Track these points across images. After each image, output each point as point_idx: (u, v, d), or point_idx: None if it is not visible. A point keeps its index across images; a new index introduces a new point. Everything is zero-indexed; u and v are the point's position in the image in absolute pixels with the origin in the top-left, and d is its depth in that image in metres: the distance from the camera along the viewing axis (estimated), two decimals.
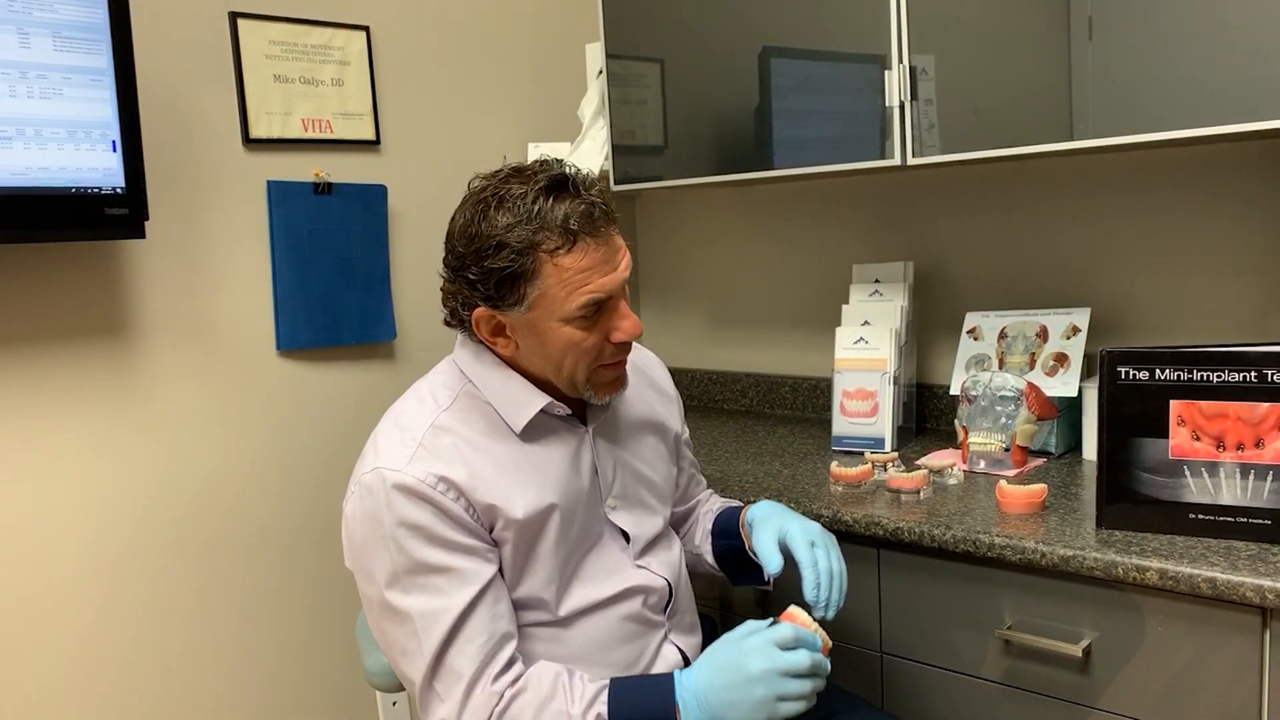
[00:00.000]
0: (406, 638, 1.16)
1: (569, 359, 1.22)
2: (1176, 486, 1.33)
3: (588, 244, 1.18)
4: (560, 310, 1.18)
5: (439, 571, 1.15)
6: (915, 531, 1.43)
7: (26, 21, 1.45)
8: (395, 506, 1.15)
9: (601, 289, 1.19)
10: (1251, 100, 1.35)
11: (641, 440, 1.40)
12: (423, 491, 1.15)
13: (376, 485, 1.16)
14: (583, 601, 1.26)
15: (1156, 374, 1.34)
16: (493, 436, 1.23)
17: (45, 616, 1.65)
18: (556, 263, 1.17)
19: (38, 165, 1.48)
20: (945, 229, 2.03)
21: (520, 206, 1.16)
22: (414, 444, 1.19)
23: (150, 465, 1.76)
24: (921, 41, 1.63)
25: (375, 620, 1.21)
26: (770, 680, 1.11)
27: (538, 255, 1.16)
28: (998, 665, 1.42)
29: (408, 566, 1.15)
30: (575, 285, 1.18)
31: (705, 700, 1.12)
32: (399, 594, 1.16)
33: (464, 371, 1.28)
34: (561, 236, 1.16)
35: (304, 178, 1.91)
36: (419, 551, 1.15)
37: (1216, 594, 1.19)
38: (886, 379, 1.87)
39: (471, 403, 1.25)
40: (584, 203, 1.18)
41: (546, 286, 1.17)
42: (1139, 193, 1.79)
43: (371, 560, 1.17)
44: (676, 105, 1.99)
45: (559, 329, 1.20)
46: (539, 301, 1.18)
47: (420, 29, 2.10)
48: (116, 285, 1.71)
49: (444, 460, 1.18)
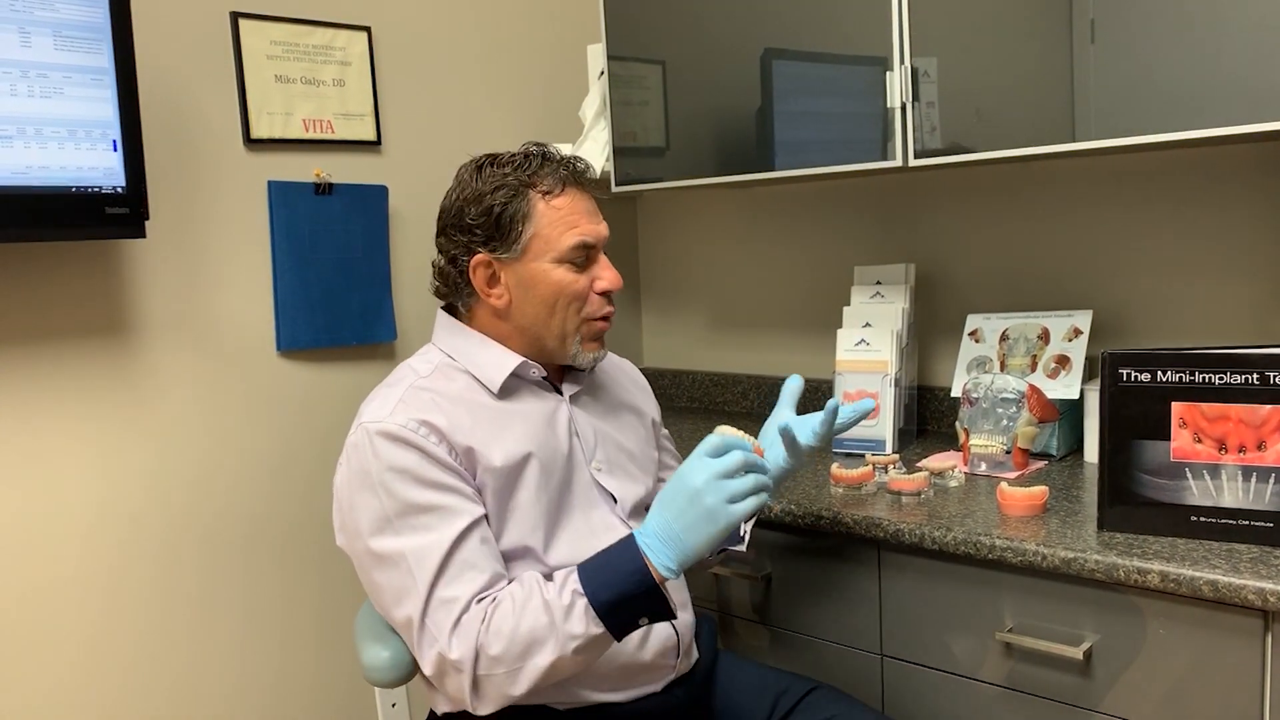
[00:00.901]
0: (401, 578, 1.19)
1: (560, 303, 1.30)
2: (1178, 489, 1.32)
3: (575, 194, 1.31)
4: (554, 249, 1.28)
5: (427, 510, 1.19)
6: (916, 533, 1.43)
7: (28, 21, 1.45)
8: (381, 453, 1.20)
9: (590, 233, 1.30)
10: (1254, 102, 1.34)
11: (620, 417, 1.45)
12: (405, 436, 1.20)
13: (361, 439, 1.22)
14: (572, 558, 1.27)
15: (1158, 376, 1.34)
16: (470, 395, 1.30)
17: (45, 616, 1.64)
18: (550, 203, 1.29)
19: (38, 164, 1.48)
20: (947, 231, 2.02)
21: (512, 162, 1.31)
22: (395, 400, 1.25)
23: (150, 464, 1.75)
24: (923, 43, 1.63)
25: (370, 574, 1.23)
26: (712, 486, 1.14)
27: (531, 196, 1.28)
28: (998, 668, 1.42)
29: (397, 509, 1.19)
30: (568, 225, 1.29)
31: (665, 535, 1.16)
32: (390, 538, 1.19)
33: (441, 349, 1.35)
34: (553, 181, 1.29)
35: (305, 178, 1.91)
36: (407, 492, 1.19)
37: (1218, 597, 1.19)
38: (888, 381, 1.86)
39: (450, 371, 1.32)
40: (569, 161, 1.33)
41: (540, 226, 1.28)
42: (1141, 195, 1.79)
43: (360, 512, 1.21)
44: (678, 107, 1.99)
45: (551, 271, 1.29)
46: (533, 242, 1.28)
47: (422, 30, 2.10)
48: (117, 285, 1.71)
49: (424, 410, 1.24)
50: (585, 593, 1.15)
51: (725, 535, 1.16)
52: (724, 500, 1.14)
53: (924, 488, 1.56)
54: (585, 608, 1.14)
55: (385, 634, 1.34)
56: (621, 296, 1.41)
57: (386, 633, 1.34)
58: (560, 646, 1.14)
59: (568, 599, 1.15)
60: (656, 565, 1.15)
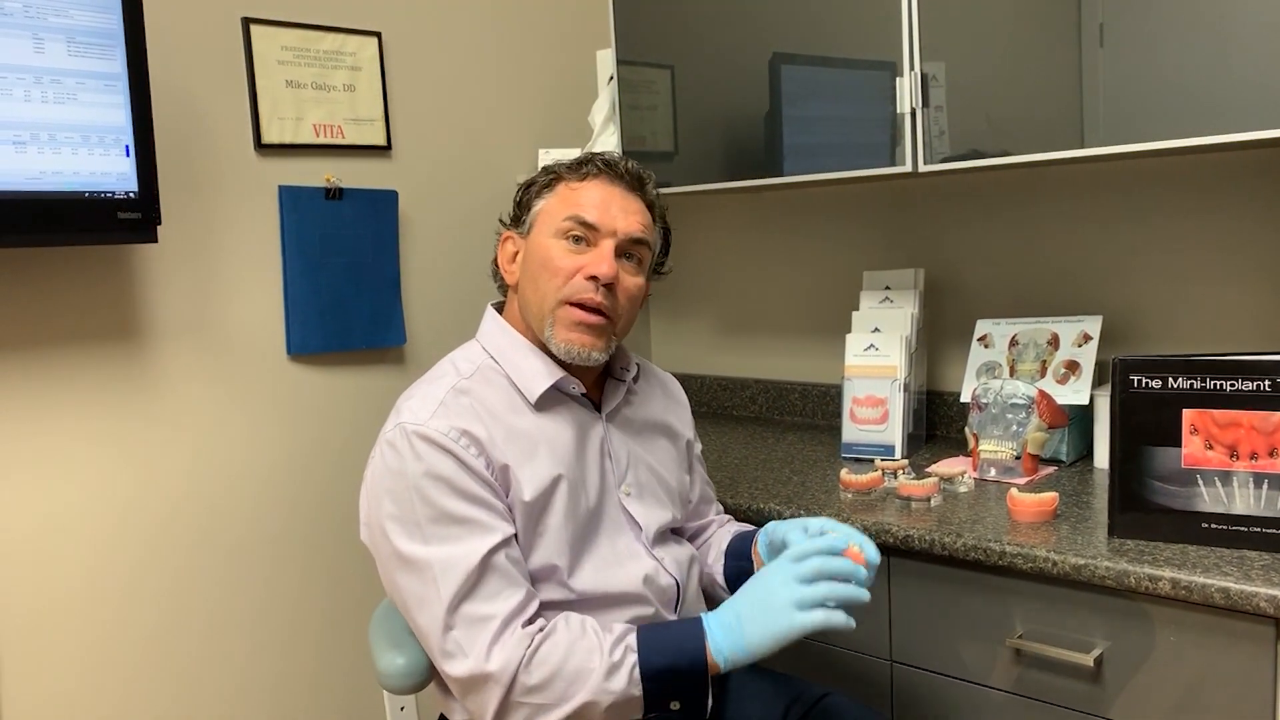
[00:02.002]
0: (424, 586, 1.18)
1: (543, 276, 1.29)
2: (1189, 496, 1.32)
3: (603, 182, 1.33)
4: (551, 224, 1.31)
5: (460, 521, 1.18)
6: (925, 539, 1.43)
7: (41, 27, 1.46)
8: (421, 456, 1.19)
9: (590, 213, 1.29)
10: (1264, 108, 1.34)
11: (655, 440, 1.44)
12: (446, 444, 1.19)
13: (400, 439, 1.21)
14: (595, 585, 1.27)
15: (1169, 382, 1.33)
16: (508, 405, 1.29)
17: (59, 620, 1.65)
18: (569, 185, 1.33)
19: (51, 169, 1.49)
20: (956, 236, 2.02)
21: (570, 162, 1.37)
22: (436, 402, 1.24)
23: (161, 469, 1.76)
24: (933, 48, 1.63)
25: (393, 576, 1.22)
26: (785, 589, 1.13)
27: (557, 179, 1.34)
28: (1008, 674, 1.41)
29: (430, 515, 1.18)
30: (572, 203, 1.31)
31: (731, 627, 1.15)
32: (419, 544, 1.18)
33: (486, 348, 1.35)
34: (582, 170, 1.34)
35: (315, 183, 1.92)
36: (442, 500, 1.18)
37: (1230, 604, 1.18)
38: (897, 386, 1.86)
39: (491, 374, 1.31)
40: (617, 158, 1.36)
41: (549, 204, 1.33)
42: (1151, 200, 1.78)
43: (391, 513, 1.20)
44: (687, 111, 1.99)
45: (544, 240, 1.31)
46: (539, 218, 1.33)
47: (431, 35, 2.11)
48: (129, 289, 1.72)
49: (464, 416, 1.23)
50: (638, 653, 1.15)
51: (789, 641, 1.13)
52: (792, 605, 1.13)
53: (933, 493, 1.56)
54: (634, 666, 1.14)
55: (401, 640, 1.33)
56: None
57: (402, 639, 1.33)
58: (596, 694, 1.13)
59: (619, 654, 1.15)
60: (713, 651, 1.15)
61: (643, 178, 1.37)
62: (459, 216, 2.17)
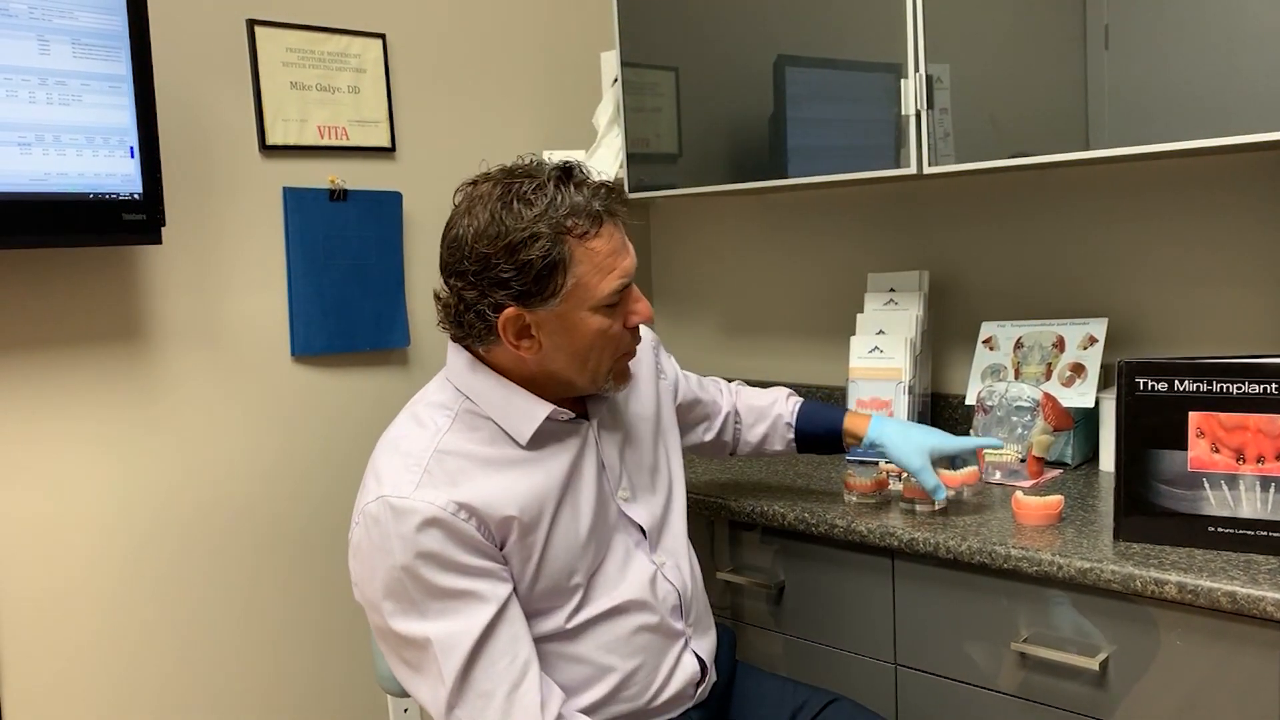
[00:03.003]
0: (426, 664, 1.14)
1: (596, 350, 1.20)
2: (1195, 499, 1.31)
3: (608, 228, 1.18)
4: (593, 296, 1.17)
5: (455, 596, 1.13)
6: (930, 542, 1.42)
7: (47, 29, 1.46)
8: (406, 535, 1.11)
9: (627, 272, 1.19)
10: (1270, 109, 1.33)
11: (637, 428, 1.39)
12: (435, 517, 1.12)
13: (383, 514, 1.13)
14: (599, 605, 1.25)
15: (1175, 385, 1.33)
16: (496, 451, 1.21)
17: (58, 618, 1.65)
18: (588, 246, 1.16)
19: (56, 171, 1.49)
20: (961, 238, 2.02)
21: (541, 197, 1.14)
22: (419, 469, 1.15)
23: (164, 469, 1.76)
24: (937, 50, 1.62)
25: (390, 650, 1.18)
26: None
27: (569, 241, 1.15)
28: (1013, 678, 1.41)
29: (423, 593, 1.12)
30: (606, 269, 1.17)
31: None
32: (415, 620, 1.13)
33: (459, 388, 1.24)
34: (589, 220, 1.16)
35: (319, 184, 1.92)
36: (433, 578, 1.12)
37: (1236, 608, 1.18)
38: (901, 388, 1.86)
39: (471, 420, 1.22)
40: (597, 185, 1.19)
41: (581, 273, 1.16)
42: (1156, 202, 1.78)
43: (382, 590, 1.14)
44: (691, 113, 1.99)
45: (588, 319, 1.18)
46: (574, 291, 1.16)
47: (436, 37, 2.11)
48: (133, 290, 1.72)
49: (455, 484, 1.15)
50: None
51: None
52: None
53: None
54: None
55: None
56: None
57: None
58: None
59: None
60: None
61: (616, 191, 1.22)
62: None
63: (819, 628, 1.62)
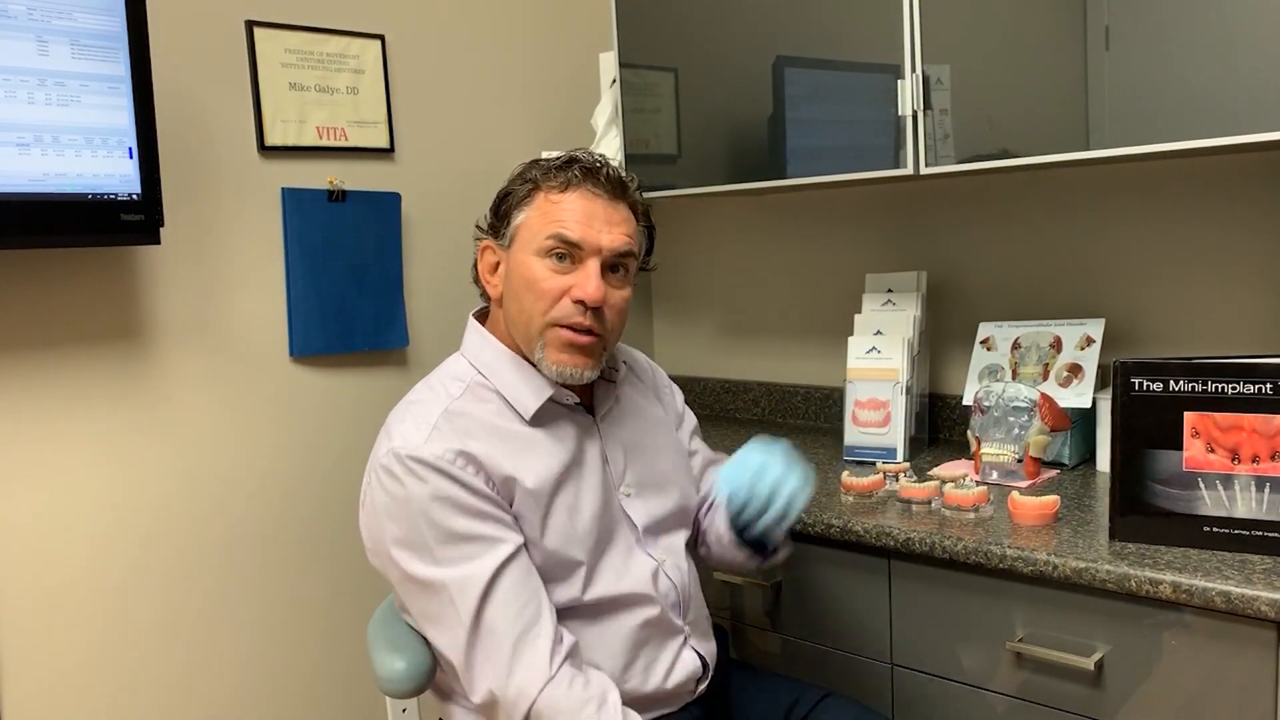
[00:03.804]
0: (441, 607, 1.18)
1: (528, 298, 1.26)
2: (1191, 499, 1.31)
3: (585, 194, 1.27)
4: (533, 242, 1.26)
5: (468, 539, 1.18)
6: (926, 542, 1.43)
7: (45, 30, 1.46)
8: (416, 481, 1.18)
9: (573, 231, 1.24)
10: (1268, 110, 1.34)
11: (649, 433, 1.43)
12: (442, 466, 1.18)
13: (396, 465, 1.19)
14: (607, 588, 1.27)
15: (1171, 385, 1.33)
16: (503, 419, 1.27)
17: (58, 619, 1.65)
18: (548, 198, 1.27)
19: (55, 171, 1.49)
20: (959, 239, 2.02)
21: (549, 163, 1.30)
22: (429, 426, 1.22)
23: (163, 469, 1.76)
24: (937, 51, 1.63)
25: (408, 599, 1.23)
26: None
27: (536, 189, 1.28)
28: (1009, 678, 1.41)
29: (438, 537, 1.18)
30: (553, 219, 1.25)
31: None
32: (430, 566, 1.18)
33: (473, 363, 1.32)
34: (562, 178, 1.27)
35: (318, 185, 1.92)
36: (447, 521, 1.18)
37: (1231, 608, 1.18)
38: (899, 389, 1.86)
39: (482, 391, 1.29)
40: (596, 163, 1.29)
41: (530, 217, 1.27)
42: (1154, 203, 1.78)
43: (398, 537, 1.20)
44: (690, 114, 2.00)
45: (527, 261, 1.26)
46: (520, 231, 1.28)
47: (434, 38, 2.12)
48: (132, 291, 1.72)
49: (460, 437, 1.21)
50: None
51: None
52: None
53: (934, 496, 1.55)
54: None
55: (400, 644, 1.33)
56: (633, 303, 1.36)
57: (402, 643, 1.33)
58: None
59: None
60: None
61: (624, 182, 1.31)
62: (461, 219, 2.17)
63: (816, 628, 1.62)
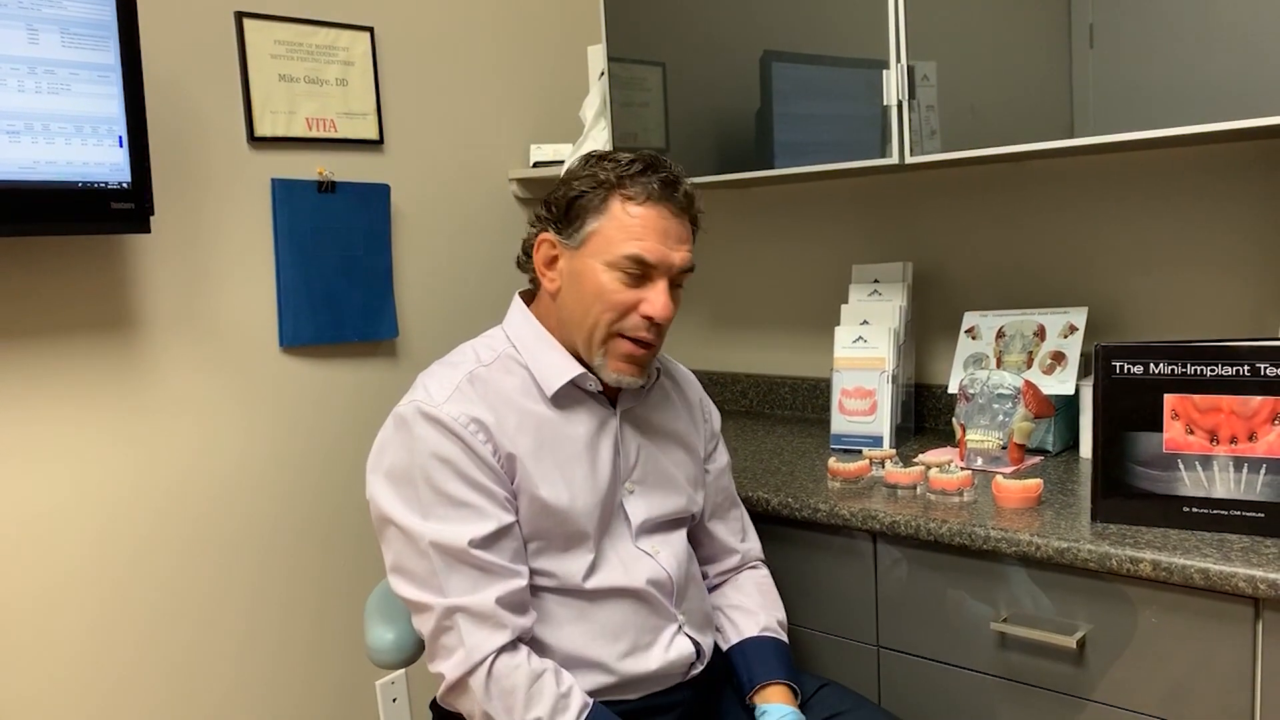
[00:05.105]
0: (417, 560, 1.21)
1: (596, 306, 1.27)
2: (1170, 480, 1.34)
3: (661, 210, 1.26)
4: (607, 253, 1.25)
5: (460, 505, 1.21)
6: (911, 525, 1.44)
7: (35, 18, 1.47)
8: (428, 438, 1.22)
9: (652, 252, 1.25)
10: (1250, 99, 1.36)
11: (667, 443, 1.43)
12: (454, 429, 1.22)
13: (411, 416, 1.24)
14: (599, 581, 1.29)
15: (1151, 368, 1.35)
16: (524, 395, 1.30)
17: (51, 611, 1.66)
18: (625, 208, 1.26)
19: (45, 159, 1.50)
20: (944, 229, 2.04)
21: (618, 161, 1.28)
22: (452, 386, 1.26)
23: (153, 459, 1.77)
24: (923, 47, 1.64)
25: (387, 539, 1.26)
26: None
27: (612, 195, 1.26)
28: (993, 658, 1.43)
29: (430, 493, 1.21)
30: (631, 235, 1.25)
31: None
32: (416, 517, 1.22)
33: (510, 337, 1.35)
34: (642, 190, 1.25)
35: (308, 176, 1.93)
36: (444, 483, 1.21)
37: (1209, 585, 1.20)
38: (885, 378, 1.88)
39: (511, 364, 1.32)
40: (675, 178, 1.28)
41: (605, 226, 1.26)
42: (1136, 193, 1.80)
43: (394, 485, 1.24)
44: (678, 108, 2.01)
45: (598, 271, 1.26)
46: (593, 238, 1.26)
47: (424, 30, 2.13)
48: (121, 280, 1.73)
49: (475, 404, 1.25)
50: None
51: None
52: None
53: (919, 481, 1.57)
54: None
55: (393, 617, 1.36)
56: None
57: (395, 616, 1.36)
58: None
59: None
60: None
61: (693, 197, 1.31)
62: (451, 210, 2.18)
63: (802, 611, 1.64)
